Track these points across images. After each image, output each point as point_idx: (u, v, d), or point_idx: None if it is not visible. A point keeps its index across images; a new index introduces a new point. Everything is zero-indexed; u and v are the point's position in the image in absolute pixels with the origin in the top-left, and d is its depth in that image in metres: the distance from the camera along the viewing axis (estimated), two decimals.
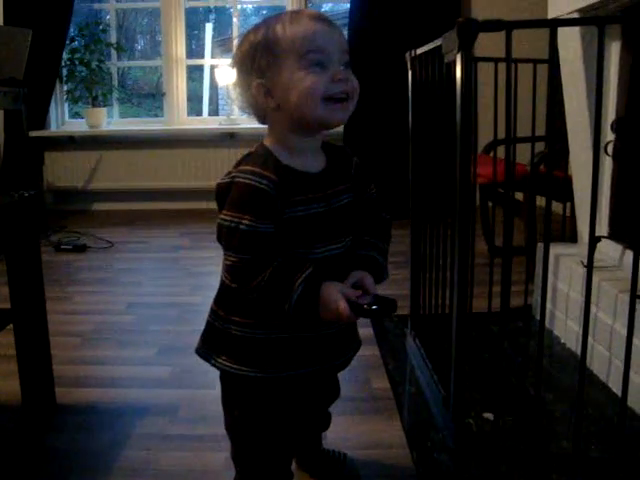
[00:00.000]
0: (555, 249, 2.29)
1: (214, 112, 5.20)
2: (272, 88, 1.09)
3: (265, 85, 1.10)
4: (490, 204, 3.04)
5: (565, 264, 2.21)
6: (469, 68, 1.44)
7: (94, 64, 4.62)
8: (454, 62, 1.47)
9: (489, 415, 1.69)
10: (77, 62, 4.60)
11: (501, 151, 2.83)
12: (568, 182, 2.43)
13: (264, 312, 1.12)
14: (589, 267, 1.47)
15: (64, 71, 4.64)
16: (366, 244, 1.20)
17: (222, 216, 1.09)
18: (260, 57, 1.10)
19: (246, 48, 1.12)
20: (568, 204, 2.60)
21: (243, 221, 1.05)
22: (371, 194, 1.25)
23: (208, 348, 1.20)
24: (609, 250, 2.12)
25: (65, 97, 4.76)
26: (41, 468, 1.54)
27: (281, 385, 1.17)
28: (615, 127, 2.10)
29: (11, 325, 1.75)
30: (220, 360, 1.18)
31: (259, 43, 1.10)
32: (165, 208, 4.64)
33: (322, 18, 1.10)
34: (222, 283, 1.16)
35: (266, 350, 1.15)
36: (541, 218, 2.55)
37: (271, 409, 1.19)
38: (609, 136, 2.12)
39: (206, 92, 5.31)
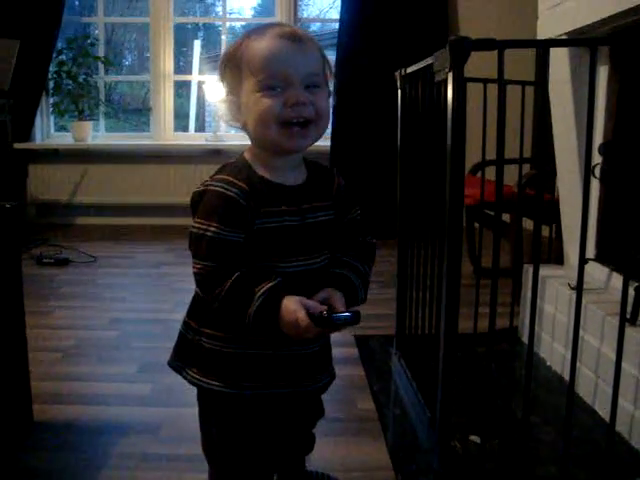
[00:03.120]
0: (542, 271, 2.26)
1: (201, 129, 5.18)
2: (239, 105, 1.09)
3: (234, 102, 1.10)
4: (477, 225, 3.03)
5: (552, 286, 2.20)
6: (460, 87, 1.43)
7: (81, 77, 4.60)
8: (445, 81, 1.47)
9: (475, 438, 1.67)
10: (64, 75, 4.57)
11: (488, 172, 2.84)
12: (555, 204, 2.43)
13: (232, 325, 1.10)
14: (579, 289, 1.46)
15: (51, 84, 4.61)
16: (343, 264, 1.17)
17: (193, 223, 1.09)
18: (228, 72, 1.10)
19: (220, 60, 1.13)
20: (554, 226, 2.61)
21: (210, 228, 1.05)
22: (354, 217, 1.22)
23: (179, 360, 1.19)
24: (595, 272, 2.12)
25: (51, 110, 4.73)
26: None
27: (254, 403, 1.15)
28: (602, 150, 2.11)
29: None
30: (191, 373, 1.16)
31: (229, 57, 1.10)
32: (150, 223, 4.60)
33: (289, 36, 1.06)
34: (195, 294, 1.16)
35: (234, 365, 1.12)
36: (528, 239, 2.55)
37: (246, 428, 1.17)
38: (596, 159, 2.12)
39: (193, 108, 5.30)
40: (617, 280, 2.00)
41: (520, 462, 1.59)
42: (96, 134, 4.82)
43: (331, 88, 1.14)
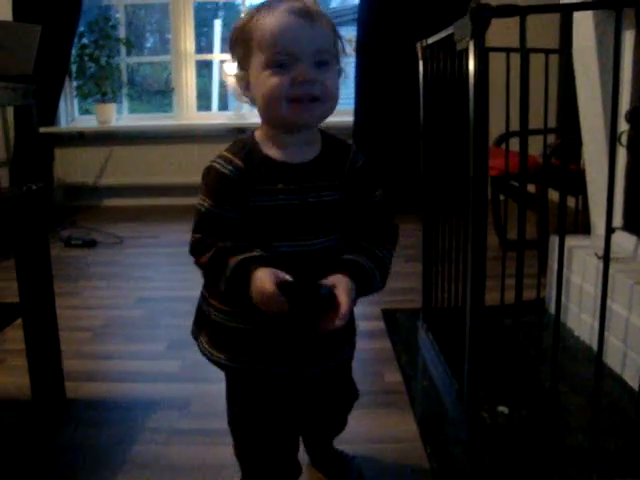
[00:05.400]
0: (568, 242, 2.25)
1: (223, 108, 5.18)
2: (248, 81, 1.08)
3: (244, 78, 1.08)
4: (502, 197, 3.00)
5: (578, 256, 2.18)
6: (482, 56, 1.41)
7: (103, 60, 4.62)
8: (466, 50, 1.45)
9: (503, 408, 1.67)
10: (86, 58, 4.59)
11: (512, 143, 2.80)
12: (581, 174, 2.40)
13: (228, 299, 1.11)
14: (606, 258, 1.45)
15: (73, 67, 4.64)
16: (357, 249, 1.11)
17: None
18: (238, 47, 1.09)
19: (231, 35, 1.11)
20: (580, 197, 2.57)
21: (204, 204, 1.08)
22: (373, 198, 1.16)
23: (196, 328, 1.23)
24: (623, 242, 2.09)
25: (75, 93, 4.76)
26: (51, 463, 1.53)
27: (257, 379, 1.16)
28: (629, 117, 2.07)
29: (20, 320, 1.74)
30: (203, 342, 1.19)
31: (239, 32, 1.08)
32: (175, 204, 4.63)
33: (298, 12, 1.03)
34: None
35: (236, 339, 1.13)
36: (554, 211, 2.53)
37: (259, 404, 1.17)
38: (623, 126, 2.08)
39: (215, 88, 5.29)
40: None
41: (548, 432, 1.59)
42: (120, 116, 4.85)
43: (343, 65, 1.11)
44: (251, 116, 4.63)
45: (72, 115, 4.90)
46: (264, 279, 0.97)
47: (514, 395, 1.65)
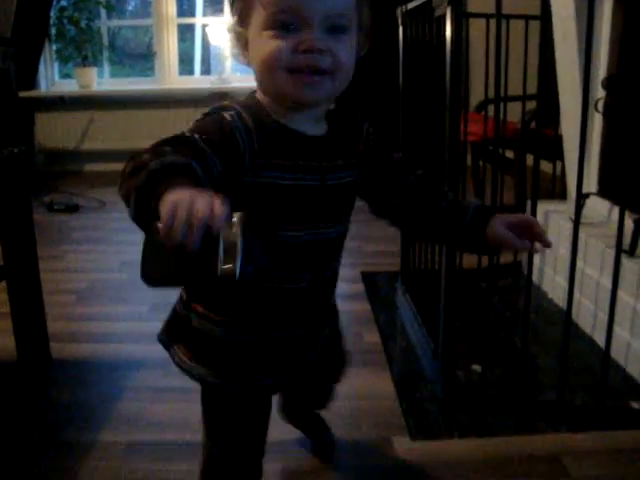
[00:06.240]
0: (544, 206, 2.31)
1: (206, 72, 5.14)
2: (247, 40, 0.90)
3: (242, 35, 0.90)
4: (482, 163, 3.04)
5: (554, 221, 2.23)
6: (459, 22, 1.44)
7: (83, 23, 4.56)
8: (444, 16, 1.47)
9: (477, 367, 1.73)
10: (65, 21, 4.53)
11: (493, 109, 2.83)
12: (558, 140, 2.44)
13: (228, 302, 0.94)
14: (576, 223, 1.49)
15: (53, 30, 4.58)
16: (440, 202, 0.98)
17: None
18: (238, 0, 0.90)
19: None
20: (559, 163, 2.61)
21: (188, 134, 0.84)
22: (396, 159, 1.03)
23: (168, 336, 1.04)
24: (597, 206, 2.14)
25: (54, 57, 4.71)
26: (37, 420, 1.57)
27: (264, 392, 1.03)
28: (606, 84, 2.10)
29: (5, 282, 1.76)
30: (178, 353, 1.01)
31: None
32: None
33: None
34: None
35: (226, 353, 0.97)
36: (532, 176, 2.56)
37: (253, 419, 1.05)
38: (600, 93, 2.12)
39: (198, 52, 5.25)
40: (616, 213, 2.03)
41: (520, 389, 1.65)
42: (101, 80, 4.80)
43: (364, 35, 0.93)
44: (234, 80, 4.61)
45: (52, 79, 4.84)
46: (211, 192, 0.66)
47: (488, 355, 1.70)
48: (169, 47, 4.76)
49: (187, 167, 0.74)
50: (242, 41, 0.90)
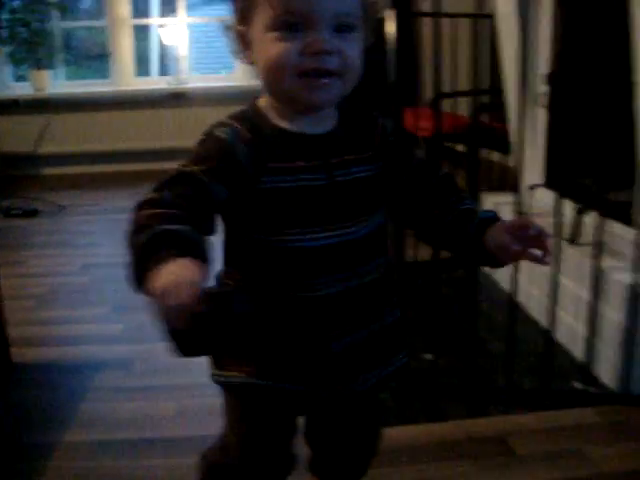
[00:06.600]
0: (495, 198, 2.38)
1: (164, 73, 5.14)
2: (250, 40, 0.86)
3: (244, 34, 0.87)
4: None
5: (505, 212, 2.29)
6: (402, 23, 1.50)
7: (35, 25, 4.51)
8: (386, 18, 1.53)
9: (429, 355, 1.79)
10: (17, 23, 4.48)
11: (446, 104, 2.90)
12: (507, 133, 2.52)
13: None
14: (519, 211, 1.57)
15: (4, 32, 4.52)
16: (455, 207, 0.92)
17: None
18: None
19: None
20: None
21: (186, 167, 0.83)
22: (417, 160, 0.97)
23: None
24: (544, 197, 2.22)
25: (7, 60, 4.65)
26: (2, 421, 1.59)
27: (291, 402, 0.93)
28: (549, 79, 2.18)
29: None
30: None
31: None
32: (116, 170, 4.60)
33: None
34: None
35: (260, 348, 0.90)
36: (484, 169, 2.64)
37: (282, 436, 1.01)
38: (542, 88, 2.20)
39: (155, 52, 5.24)
40: (564, 204, 2.11)
41: (471, 375, 1.72)
42: (56, 83, 4.77)
43: (368, 30, 0.89)
44: (192, 80, 4.63)
45: (5, 82, 4.79)
46: (189, 264, 0.68)
47: (439, 343, 1.77)
48: (124, 48, 4.75)
49: (178, 233, 0.74)
50: (244, 40, 0.87)
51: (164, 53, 5.04)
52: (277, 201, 0.84)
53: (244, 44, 0.87)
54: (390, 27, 1.50)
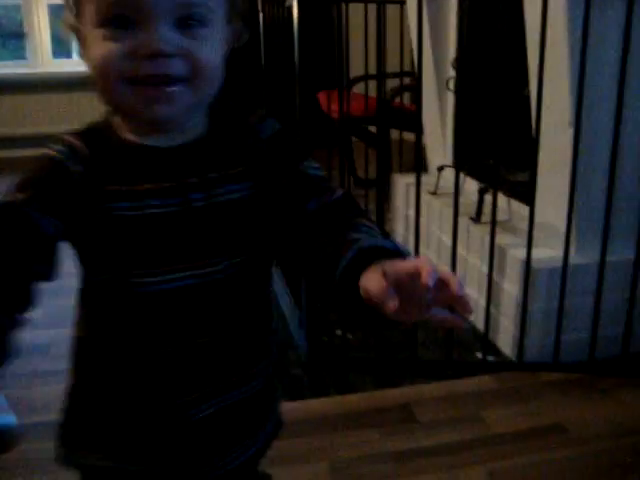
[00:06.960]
0: (406, 179, 2.47)
1: None
2: (84, 38, 0.68)
3: (80, 30, 0.69)
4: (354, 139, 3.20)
5: (414, 193, 2.39)
6: (306, 11, 1.55)
7: None
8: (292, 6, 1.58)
9: (339, 331, 1.87)
10: None
11: (360, 87, 2.99)
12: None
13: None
14: (417, 195, 1.65)
15: None
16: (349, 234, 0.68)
17: None
18: None
19: None
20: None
21: (7, 197, 0.67)
22: (309, 171, 0.75)
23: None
24: (452, 178, 2.31)
25: None
26: None
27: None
28: (455, 64, 2.27)
29: None
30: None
31: None
32: (32, 155, 4.49)
33: None
34: None
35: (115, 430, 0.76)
36: (396, 150, 2.74)
37: None
38: (451, 72, 2.29)
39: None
40: (469, 184, 2.22)
41: (380, 349, 1.80)
42: None
43: (237, 24, 0.72)
44: None
45: None
46: None
47: (350, 320, 1.85)
48: (40, 28, 4.63)
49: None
50: (79, 38, 0.69)
51: None
52: (120, 234, 0.68)
53: (81, 42, 0.69)
54: (294, 14, 1.56)
